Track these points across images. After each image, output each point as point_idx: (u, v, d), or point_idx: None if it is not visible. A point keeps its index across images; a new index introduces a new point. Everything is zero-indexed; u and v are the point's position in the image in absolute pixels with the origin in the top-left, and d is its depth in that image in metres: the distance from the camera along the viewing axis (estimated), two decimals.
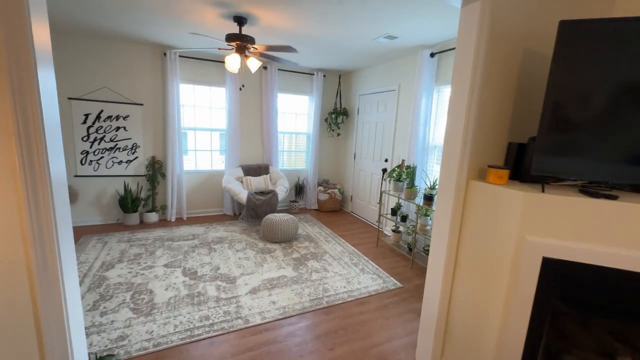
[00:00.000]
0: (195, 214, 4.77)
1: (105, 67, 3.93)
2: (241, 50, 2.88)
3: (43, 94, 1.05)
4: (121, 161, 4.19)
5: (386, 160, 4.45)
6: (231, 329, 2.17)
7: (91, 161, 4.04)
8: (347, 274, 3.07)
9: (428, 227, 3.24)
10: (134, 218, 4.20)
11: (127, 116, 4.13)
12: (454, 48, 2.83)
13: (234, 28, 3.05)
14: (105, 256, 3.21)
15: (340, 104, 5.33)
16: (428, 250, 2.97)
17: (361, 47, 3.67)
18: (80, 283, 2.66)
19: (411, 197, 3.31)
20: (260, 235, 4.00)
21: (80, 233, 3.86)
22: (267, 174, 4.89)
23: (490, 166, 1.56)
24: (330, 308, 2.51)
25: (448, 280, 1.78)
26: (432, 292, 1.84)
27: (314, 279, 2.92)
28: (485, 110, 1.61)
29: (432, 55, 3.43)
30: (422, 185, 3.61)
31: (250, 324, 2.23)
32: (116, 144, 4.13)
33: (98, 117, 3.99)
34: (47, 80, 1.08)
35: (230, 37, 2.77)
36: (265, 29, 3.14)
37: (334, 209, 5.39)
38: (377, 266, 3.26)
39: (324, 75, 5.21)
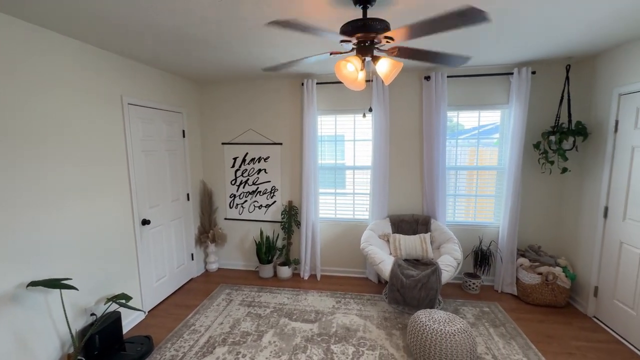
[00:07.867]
0: (331, 273, 3.84)
1: (250, 108, 3.77)
2: (365, 51, 1.66)
3: None
4: (261, 205, 3.90)
5: None
6: None
7: (237, 204, 3.96)
8: None
9: None
10: (267, 270, 3.76)
11: (268, 157, 3.81)
12: None
13: (353, 14, 1.87)
14: (217, 325, 2.75)
15: (570, 115, 2.98)
16: None
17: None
18: None
19: None
20: (405, 344, 2.48)
21: (222, 277, 3.77)
22: (426, 231, 3.31)
23: None
24: None
25: None
26: None
27: None
28: None
29: None
30: None
31: None
32: (257, 187, 3.88)
33: (243, 160, 3.87)
34: None
35: (347, 29, 1.58)
36: (409, 12, 1.77)
37: (553, 304, 3.00)
38: None
39: (533, 72, 3.09)
